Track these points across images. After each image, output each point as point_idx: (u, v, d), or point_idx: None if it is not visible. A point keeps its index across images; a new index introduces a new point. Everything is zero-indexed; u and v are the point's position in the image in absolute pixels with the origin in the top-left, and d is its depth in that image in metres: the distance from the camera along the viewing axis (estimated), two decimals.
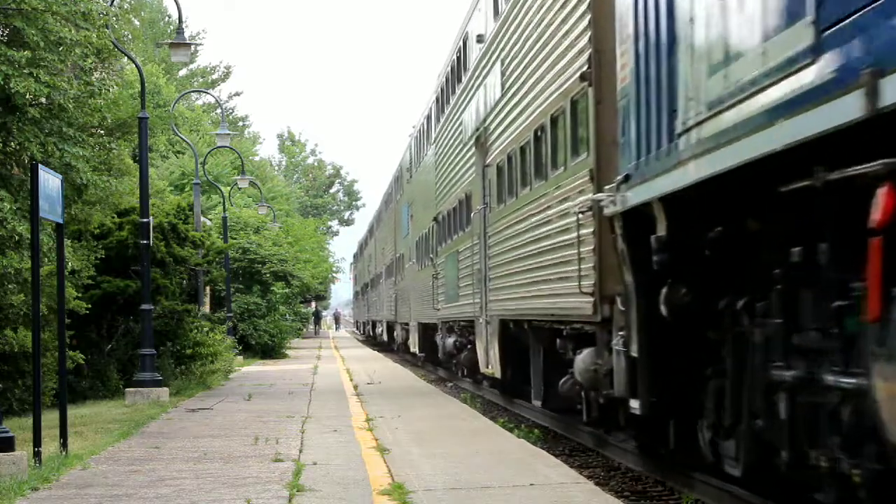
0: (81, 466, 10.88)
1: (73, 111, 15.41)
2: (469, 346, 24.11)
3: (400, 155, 43.95)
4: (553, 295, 14.63)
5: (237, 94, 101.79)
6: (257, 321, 42.34)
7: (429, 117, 32.41)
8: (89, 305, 18.61)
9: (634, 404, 10.17)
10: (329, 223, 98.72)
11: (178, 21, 24.72)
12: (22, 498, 9.09)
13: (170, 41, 24.68)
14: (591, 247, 12.63)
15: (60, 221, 11.96)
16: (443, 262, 27.71)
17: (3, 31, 15.21)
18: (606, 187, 11.08)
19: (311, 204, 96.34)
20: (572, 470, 10.92)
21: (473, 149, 22.18)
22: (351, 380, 25.52)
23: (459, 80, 24.87)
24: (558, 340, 14.88)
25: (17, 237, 14.73)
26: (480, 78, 21.28)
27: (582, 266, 12.89)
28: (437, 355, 30.32)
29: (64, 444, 11.75)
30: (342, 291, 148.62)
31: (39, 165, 10.99)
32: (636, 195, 9.75)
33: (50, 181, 11.25)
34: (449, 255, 26.41)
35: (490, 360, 20.29)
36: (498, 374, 19.74)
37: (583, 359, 12.90)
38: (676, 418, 10.07)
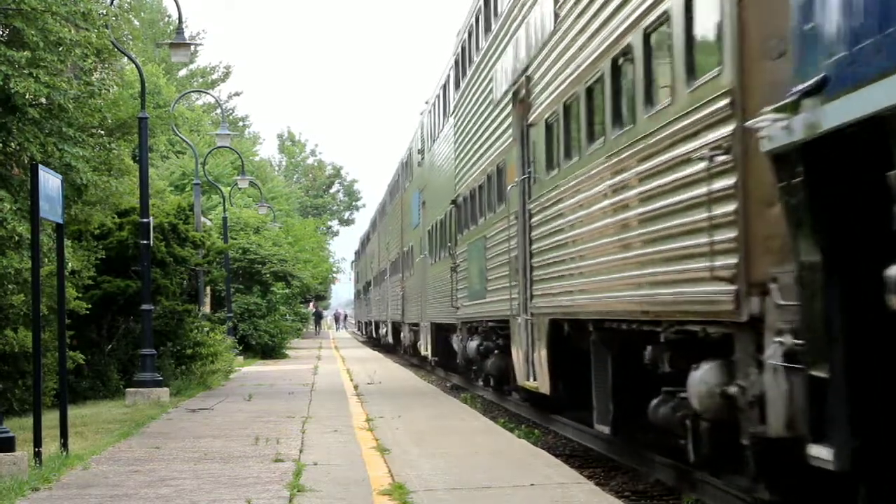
0: (82, 467, 10.88)
1: (73, 111, 15.41)
2: (497, 352, 20.57)
3: (405, 143, 41.38)
4: (650, 283, 10.79)
5: (237, 94, 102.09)
6: (257, 321, 42.39)
7: (445, 86, 28.37)
8: (89, 305, 18.61)
9: (822, 453, 6.88)
10: (329, 223, 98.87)
11: (178, 21, 24.76)
12: (22, 498, 9.09)
13: (170, 41, 24.72)
14: (733, 207, 8.72)
15: (60, 221, 11.96)
16: (464, 252, 23.99)
17: (3, 31, 15.21)
18: (766, 109, 7.39)
19: (311, 204, 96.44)
20: (573, 470, 10.92)
21: (509, 107, 18.28)
22: (351, 380, 25.53)
23: (488, 30, 20.94)
24: (649, 348, 10.96)
25: (17, 237, 14.73)
26: (519, 17, 17.38)
27: (715, 237, 9.02)
28: (453, 360, 27.09)
29: (64, 445, 11.75)
30: (342, 291, 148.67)
31: (39, 165, 11.00)
32: (844, 109, 6.16)
33: (50, 181, 11.25)
34: (473, 243, 22.64)
35: (534, 370, 16.42)
36: (545, 389, 15.79)
37: (703, 377, 9.35)
38: (875, 473, 6.77)
